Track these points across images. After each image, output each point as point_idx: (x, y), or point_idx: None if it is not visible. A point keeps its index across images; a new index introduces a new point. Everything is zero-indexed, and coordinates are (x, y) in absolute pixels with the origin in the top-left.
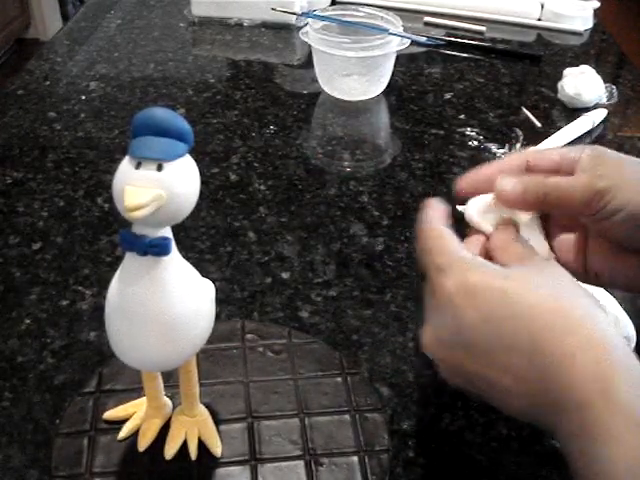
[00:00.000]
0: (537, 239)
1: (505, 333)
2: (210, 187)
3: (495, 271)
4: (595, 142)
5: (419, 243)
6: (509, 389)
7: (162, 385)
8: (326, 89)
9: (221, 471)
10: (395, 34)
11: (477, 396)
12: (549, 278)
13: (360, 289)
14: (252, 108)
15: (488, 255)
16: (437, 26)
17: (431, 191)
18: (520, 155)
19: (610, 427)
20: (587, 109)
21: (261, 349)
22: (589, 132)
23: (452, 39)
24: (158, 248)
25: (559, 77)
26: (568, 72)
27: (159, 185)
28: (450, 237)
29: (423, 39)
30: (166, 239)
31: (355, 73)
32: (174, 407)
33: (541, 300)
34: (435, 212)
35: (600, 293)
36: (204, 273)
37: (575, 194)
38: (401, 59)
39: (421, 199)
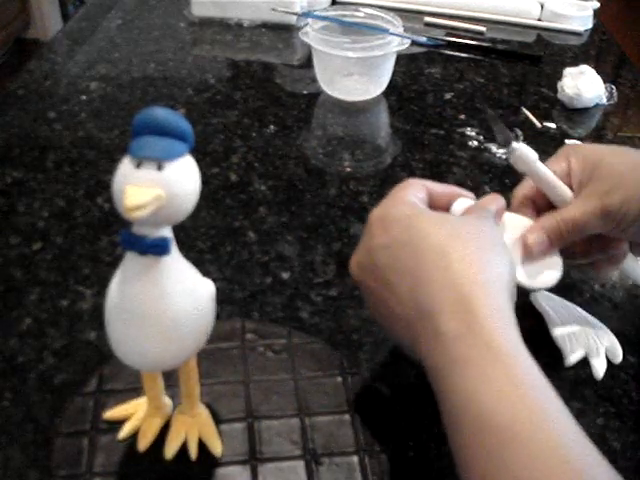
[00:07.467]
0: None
1: (399, 257)
2: (210, 187)
3: (417, 207)
4: (595, 143)
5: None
6: (393, 311)
7: (162, 385)
8: (326, 89)
9: (221, 471)
10: (395, 34)
11: (382, 325)
12: (464, 224)
13: None
14: (252, 108)
15: None
16: (437, 26)
17: None
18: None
19: (471, 358)
20: (587, 109)
21: (261, 349)
22: None
23: (452, 39)
24: (158, 248)
25: (559, 77)
26: (568, 72)
27: (159, 185)
28: (412, 193)
29: (423, 39)
30: (166, 239)
31: (355, 73)
32: (174, 407)
33: (437, 236)
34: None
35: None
36: (204, 273)
37: (592, 221)
38: (401, 59)
39: None
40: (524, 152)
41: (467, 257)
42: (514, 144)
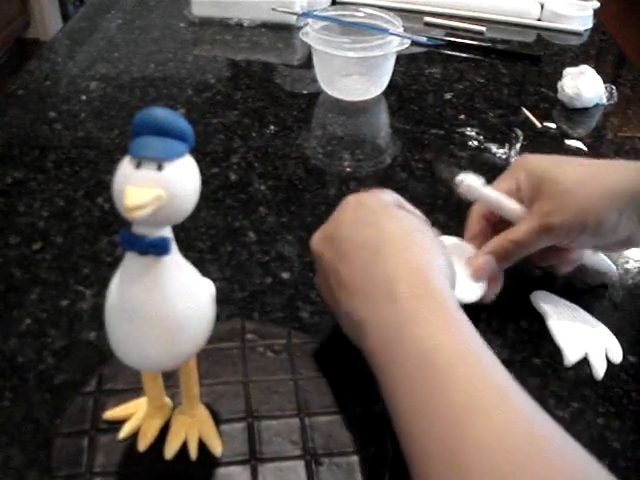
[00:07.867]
0: None
1: (362, 233)
2: (210, 187)
3: (388, 203)
4: (594, 143)
5: None
6: (343, 281)
7: (162, 385)
8: (326, 89)
9: (221, 471)
10: (395, 34)
11: (324, 295)
12: (422, 224)
13: None
14: (252, 108)
15: None
16: (437, 26)
17: (431, 191)
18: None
19: (425, 313)
20: (587, 109)
21: (261, 349)
22: None
23: (452, 39)
24: (158, 248)
25: (559, 77)
26: (568, 72)
27: (159, 185)
28: (386, 196)
29: (423, 39)
30: (166, 239)
31: (355, 73)
32: (174, 407)
33: (400, 224)
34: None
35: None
36: (204, 273)
37: (536, 240)
38: (401, 59)
39: (421, 199)
40: (469, 182)
41: (423, 245)
42: (458, 177)
